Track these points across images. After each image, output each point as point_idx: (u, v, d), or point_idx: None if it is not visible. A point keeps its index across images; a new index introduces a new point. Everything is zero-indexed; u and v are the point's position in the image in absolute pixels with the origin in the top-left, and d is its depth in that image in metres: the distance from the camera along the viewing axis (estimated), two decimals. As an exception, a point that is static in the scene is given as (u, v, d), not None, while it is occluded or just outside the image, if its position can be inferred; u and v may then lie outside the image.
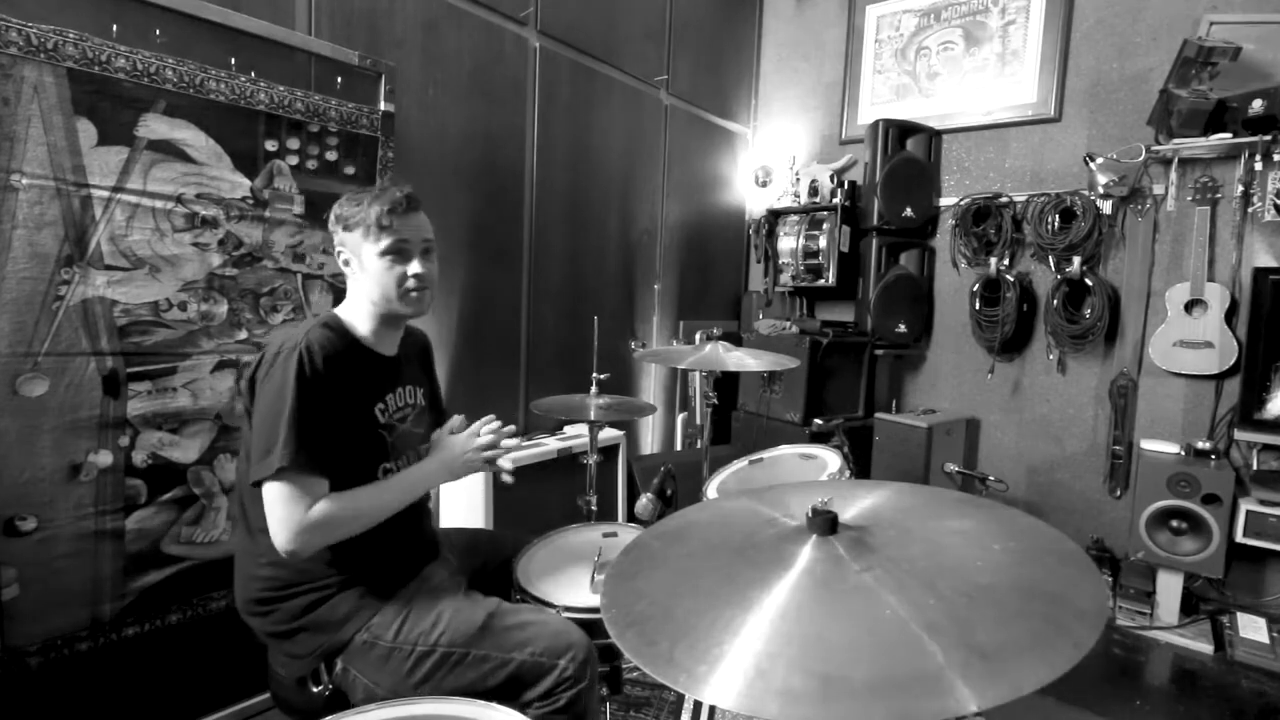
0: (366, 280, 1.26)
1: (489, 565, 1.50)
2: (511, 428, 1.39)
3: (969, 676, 0.59)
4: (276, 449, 1.10)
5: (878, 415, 3.09)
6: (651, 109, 3.22)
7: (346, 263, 1.28)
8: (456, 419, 1.44)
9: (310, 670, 1.21)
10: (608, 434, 2.73)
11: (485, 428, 1.36)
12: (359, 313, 1.29)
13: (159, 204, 1.57)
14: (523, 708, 1.12)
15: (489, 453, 1.34)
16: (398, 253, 1.24)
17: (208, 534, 1.71)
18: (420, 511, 1.39)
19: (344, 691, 1.20)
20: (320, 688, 1.20)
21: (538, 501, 2.39)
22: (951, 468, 2.93)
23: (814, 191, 3.40)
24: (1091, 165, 2.76)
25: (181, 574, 1.67)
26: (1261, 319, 2.44)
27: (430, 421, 1.45)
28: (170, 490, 1.64)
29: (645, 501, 2.29)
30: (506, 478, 1.36)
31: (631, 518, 2.68)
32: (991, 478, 2.82)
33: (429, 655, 1.17)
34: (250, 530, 1.24)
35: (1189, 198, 2.65)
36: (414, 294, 1.26)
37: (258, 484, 1.13)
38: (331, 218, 1.29)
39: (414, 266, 1.26)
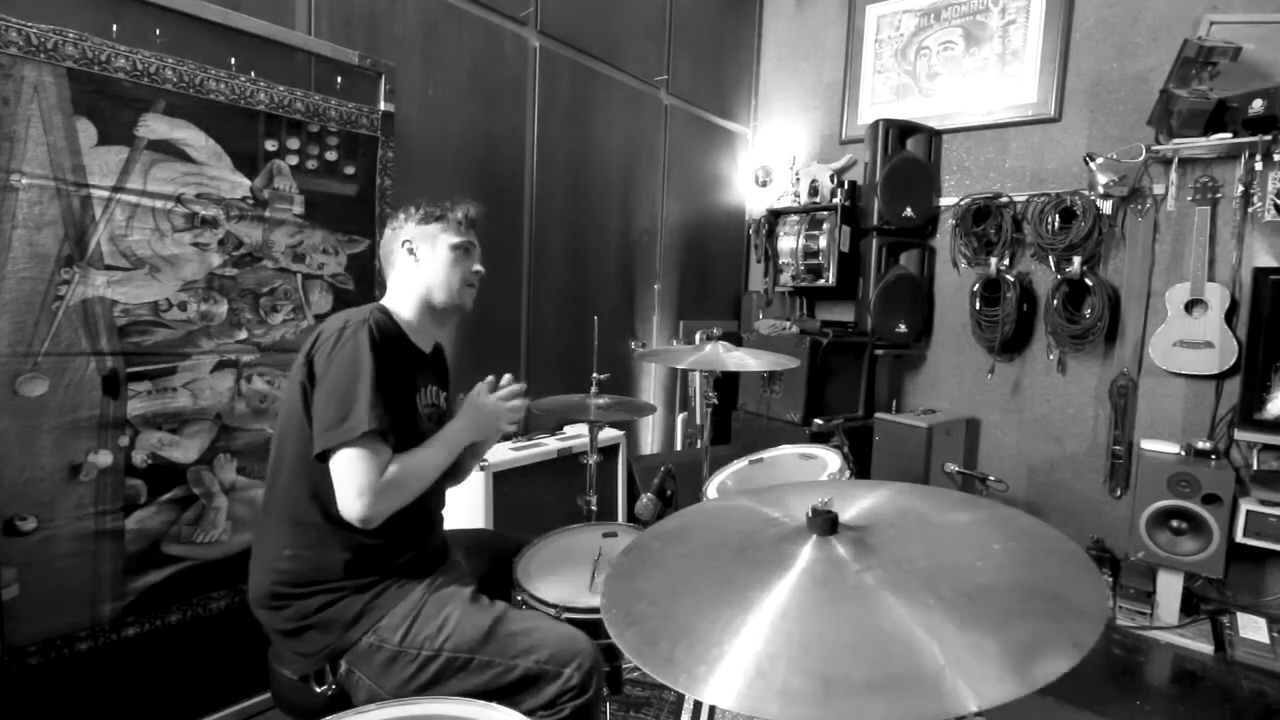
0: (433, 267, 1.36)
1: (491, 565, 1.50)
2: (522, 386, 1.48)
3: (969, 676, 0.59)
4: (356, 413, 1.13)
5: (878, 415, 3.09)
6: (651, 109, 3.22)
7: (411, 251, 1.36)
8: (481, 385, 1.46)
9: (315, 669, 1.21)
10: (608, 434, 2.73)
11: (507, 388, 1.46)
12: (406, 304, 1.37)
13: (159, 204, 1.57)
14: (526, 715, 1.12)
15: (513, 405, 1.42)
16: (467, 250, 1.39)
17: (208, 534, 1.71)
18: (434, 517, 1.42)
19: (347, 692, 1.20)
20: (324, 688, 1.20)
21: (538, 501, 2.39)
22: (951, 468, 2.93)
23: (814, 191, 3.40)
24: (1091, 165, 2.76)
25: (181, 574, 1.67)
26: (1261, 319, 2.44)
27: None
28: (170, 490, 1.64)
29: (645, 501, 2.30)
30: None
31: (631, 518, 2.68)
32: (991, 478, 2.82)
33: (434, 660, 1.17)
34: (279, 519, 1.25)
35: (1189, 198, 2.65)
36: (471, 288, 1.41)
37: (323, 456, 1.14)
38: (402, 215, 1.39)
39: (477, 265, 1.41)
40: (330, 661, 1.20)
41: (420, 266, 1.36)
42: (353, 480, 1.13)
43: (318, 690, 1.21)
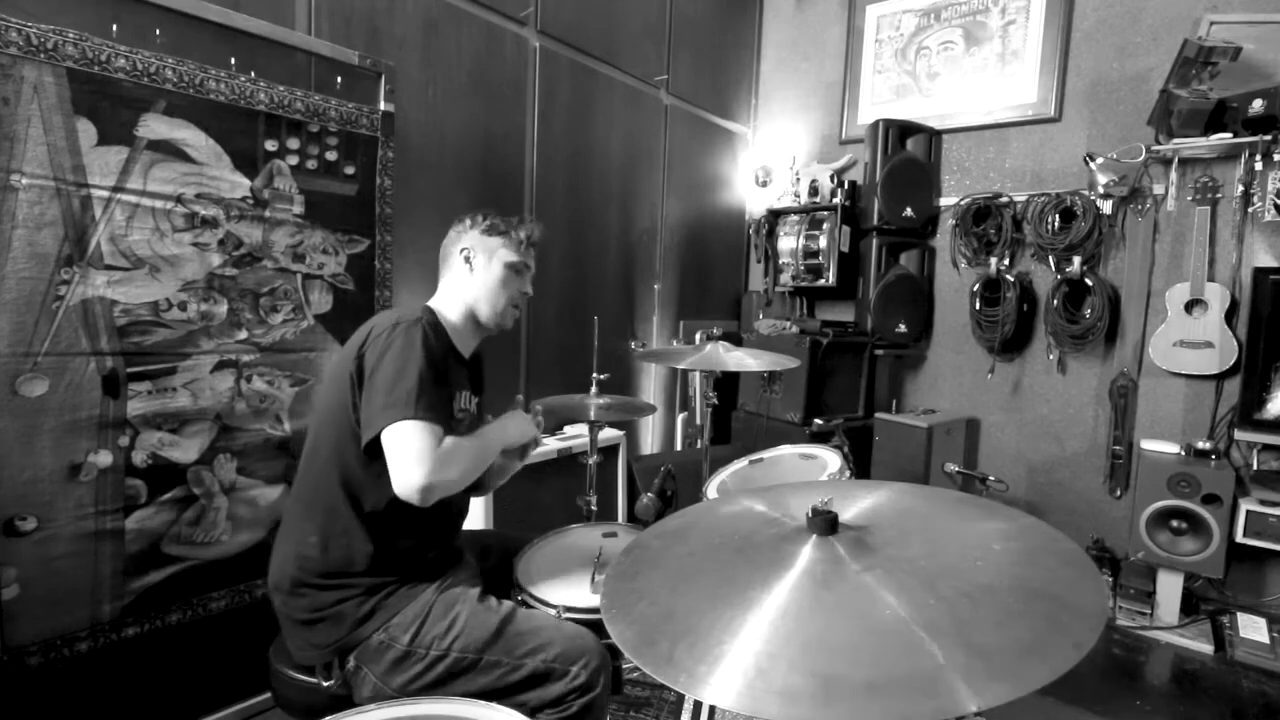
0: (484, 280, 1.39)
1: (491, 565, 1.50)
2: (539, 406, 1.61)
3: (969, 676, 0.59)
4: (408, 398, 1.14)
5: (878, 415, 3.09)
6: (651, 109, 3.22)
7: (468, 259, 1.39)
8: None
9: (324, 662, 1.21)
10: (608, 434, 2.73)
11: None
12: (452, 309, 1.39)
13: (159, 204, 1.57)
14: (533, 713, 1.12)
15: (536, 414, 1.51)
16: (519, 271, 1.42)
17: (208, 534, 1.70)
18: (457, 521, 1.43)
19: (352, 687, 1.21)
20: (331, 682, 1.21)
21: (538, 501, 2.39)
22: (951, 468, 2.93)
23: (814, 191, 3.40)
24: (1091, 165, 2.76)
25: (181, 574, 1.67)
26: (1261, 319, 2.44)
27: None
28: (170, 490, 1.64)
29: (645, 501, 2.30)
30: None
31: (631, 518, 2.68)
32: (991, 478, 2.82)
33: (442, 660, 1.17)
34: (310, 506, 1.25)
35: (1189, 198, 2.65)
36: (515, 309, 1.44)
37: (372, 443, 1.15)
38: (471, 219, 1.42)
39: (527, 287, 1.45)
40: (339, 656, 1.20)
41: (473, 277, 1.39)
42: (410, 449, 1.12)
43: (324, 685, 1.21)
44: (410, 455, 1.12)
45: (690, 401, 3.44)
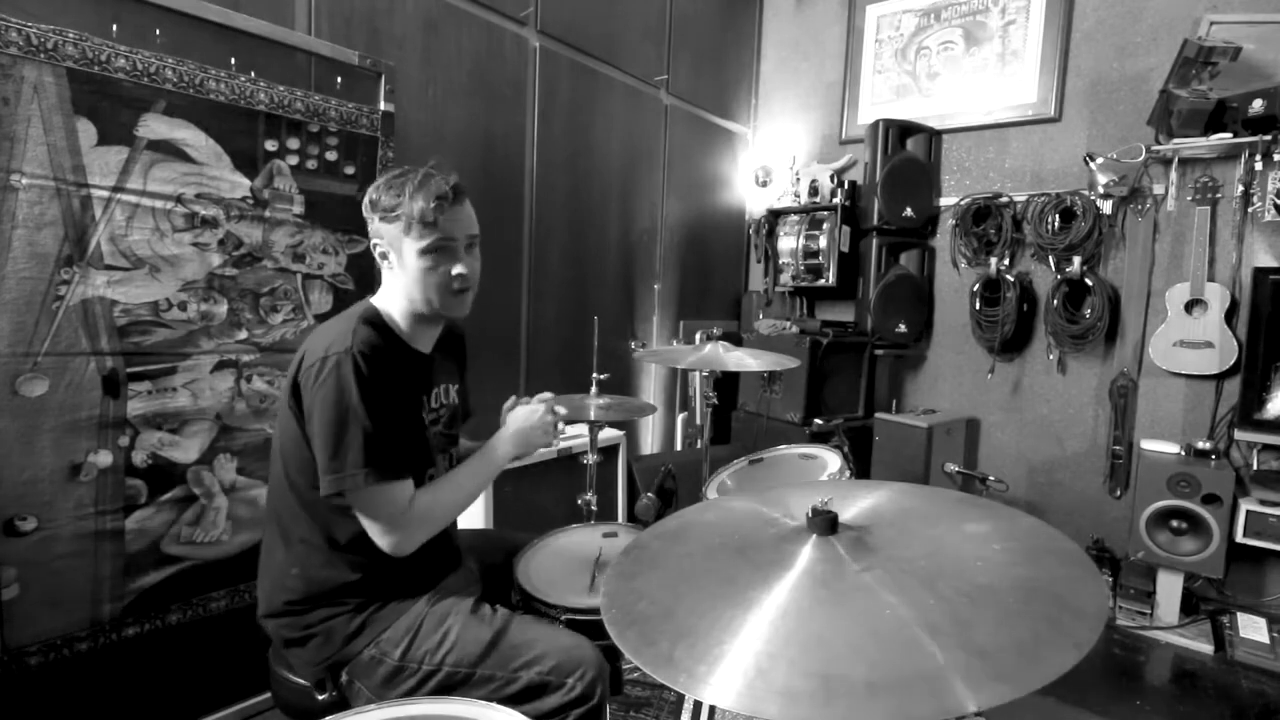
0: (405, 277, 1.18)
1: (491, 566, 1.49)
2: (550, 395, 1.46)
3: (969, 676, 0.59)
4: (351, 460, 1.07)
5: (878, 415, 3.09)
6: (651, 109, 3.22)
7: (383, 256, 1.20)
8: (511, 400, 1.46)
9: (316, 679, 1.20)
10: (608, 434, 2.73)
11: (540, 397, 1.42)
12: (395, 308, 1.23)
13: (159, 204, 1.57)
14: None
15: (556, 415, 1.37)
16: (441, 250, 1.17)
17: (208, 534, 1.70)
18: (449, 530, 1.39)
19: (347, 700, 1.20)
20: (325, 695, 1.20)
21: (538, 501, 2.39)
22: (951, 468, 2.93)
23: (814, 191, 3.40)
24: (1091, 165, 2.76)
25: (181, 574, 1.67)
26: (1261, 319, 2.44)
27: (460, 421, 1.43)
28: (170, 490, 1.64)
29: (645, 501, 2.30)
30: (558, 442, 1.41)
31: (631, 518, 2.68)
32: (991, 478, 2.82)
33: (434, 674, 1.15)
34: (286, 538, 1.21)
35: (1189, 198, 2.65)
36: (457, 296, 1.21)
37: (332, 496, 1.11)
38: (366, 203, 1.19)
39: (458, 266, 1.18)
40: (331, 671, 1.19)
41: (393, 274, 1.21)
42: (375, 519, 1.12)
43: (320, 697, 1.20)
44: (374, 525, 1.12)
45: (690, 401, 3.44)
